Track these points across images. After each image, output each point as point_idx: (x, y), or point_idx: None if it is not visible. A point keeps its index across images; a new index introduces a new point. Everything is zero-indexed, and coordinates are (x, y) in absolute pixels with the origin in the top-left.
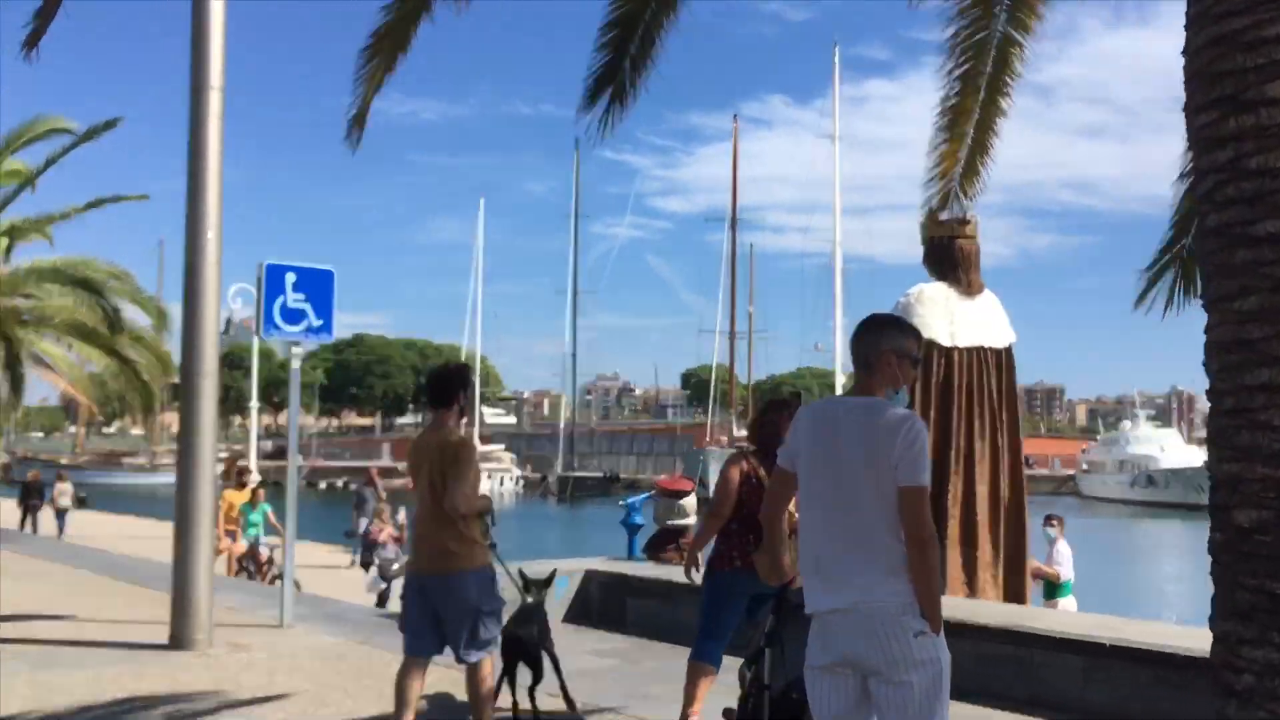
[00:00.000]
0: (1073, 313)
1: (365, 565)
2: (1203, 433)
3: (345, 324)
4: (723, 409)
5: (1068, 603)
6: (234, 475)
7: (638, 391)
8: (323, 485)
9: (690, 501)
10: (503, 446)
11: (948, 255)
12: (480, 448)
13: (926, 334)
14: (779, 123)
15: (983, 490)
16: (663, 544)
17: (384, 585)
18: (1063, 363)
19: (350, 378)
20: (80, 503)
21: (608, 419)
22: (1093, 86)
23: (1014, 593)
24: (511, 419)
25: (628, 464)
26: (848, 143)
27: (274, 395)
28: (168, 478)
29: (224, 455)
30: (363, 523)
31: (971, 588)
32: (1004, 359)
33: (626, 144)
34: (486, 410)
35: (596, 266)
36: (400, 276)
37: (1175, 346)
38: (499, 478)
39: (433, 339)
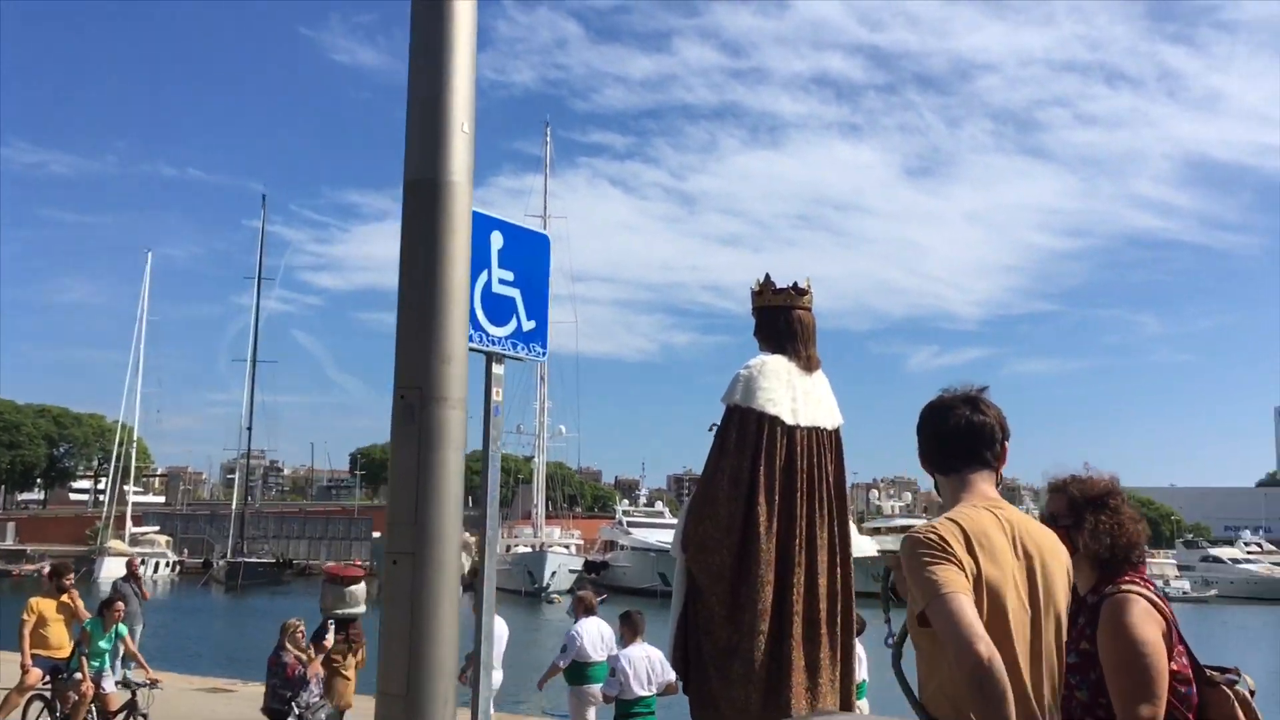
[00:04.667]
0: (717, 406)
1: (275, 716)
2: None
3: None
4: None
5: (863, 705)
6: (49, 577)
7: (286, 471)
8: None
9: (360, 589)
10: (157, 528)
11: (785, 326)
12: (132, 529)
13: (771, 410)
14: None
15: (823, 583)
16: (322, 635)
17: None
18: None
19: None
20: None
21: (251, 499)
22: (730, 199)
23: (845, 696)
24: (161, 498)
25: (298, 548)
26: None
27: None
28: None
29: None
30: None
31: (813, 694)
32: (836, 441)
33: (279, 215)
34: (131, 488)
35: (238, 339)
36: (17, 339)
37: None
38: (153, 563)
39: (70, 407)
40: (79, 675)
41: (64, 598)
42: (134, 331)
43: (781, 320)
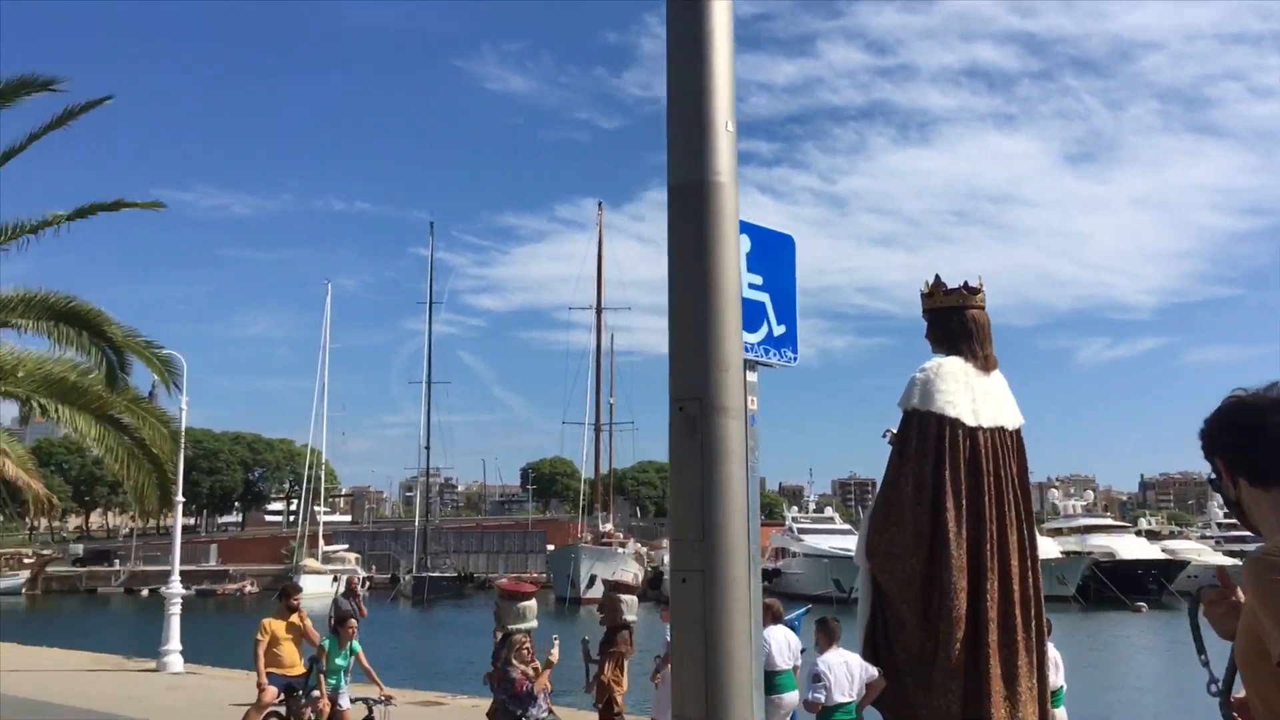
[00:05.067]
0: (877, 409)
1: None
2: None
3: None
4: (571, 505)
5: (1060, 714)
6: (279, 597)
7: (459, 488)
8: (145, 592)
9: (532, 605)
10: (346, 546)
11: (960, 327)
12: (324, 548)
13: (951, 412)
14: (592, 224)
15: (1016, 587)
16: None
17: None
18: (873, 456)
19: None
20: None
21: (431, 516)
22: (881, 198)
23: (1041, 704)
24: (347, 516)
25: (478, 562)
26: (657, 245)
27: (86, 493)
28: None
29: (29, 560)
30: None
31: (1012, 702)
32: (1018, 442)
33: (441, 241)
34: (320, 509)
35: (409, 362)
36: (208, 372)
37: None
38: (344, 579)
39: (262, 433)
40: (316, 692)
41: (293, 617)
42: (318, 359)
43: (955, 321)
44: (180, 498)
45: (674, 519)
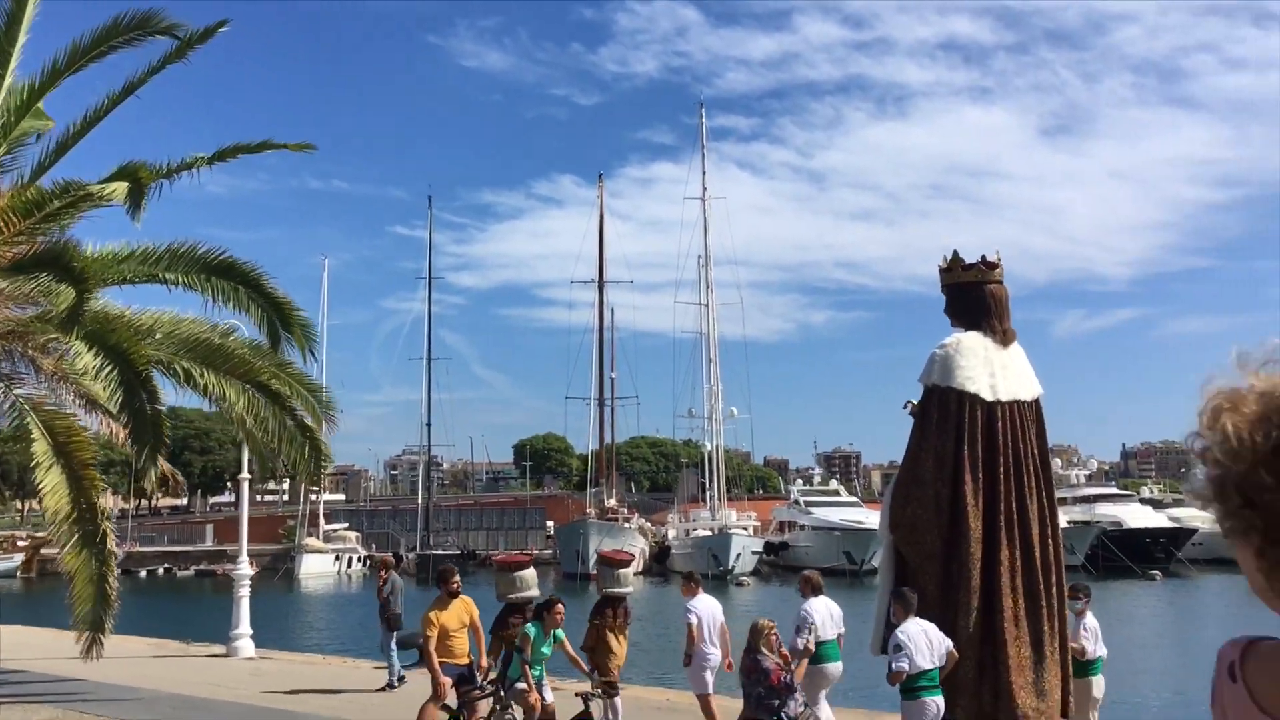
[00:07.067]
0: (856, 383)
1: None
2: None
3: None
4: (565, 481)
5: (1098, 682)
6: (443, 581)
7: (445, 465)
8: (142, 574)
9: (529, 574)
10: (346, 525)
11: (978, 302)
12: (325, 526)
13: (970, 388)
14: (570, 201)
15: (1038, 555)
16: (504, 621)
17: None
18: (855, 429)
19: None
20: None
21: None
22: (860, 173)
23: (1063, 667)
24: (341, 495)
25: (478, 539)
26: (635, 222)
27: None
28: None
29: (23, 543)
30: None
31: (1039, 665)
32: (1038, 411)
33: (419, 218)
34: (319, 489)
35: (387, 341)
36: None
37: None
38: (346, 558)
39: None
40: (522, 685)
41: (456, 603)
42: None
43: (973, 296)
44: (246, 475)
45: None
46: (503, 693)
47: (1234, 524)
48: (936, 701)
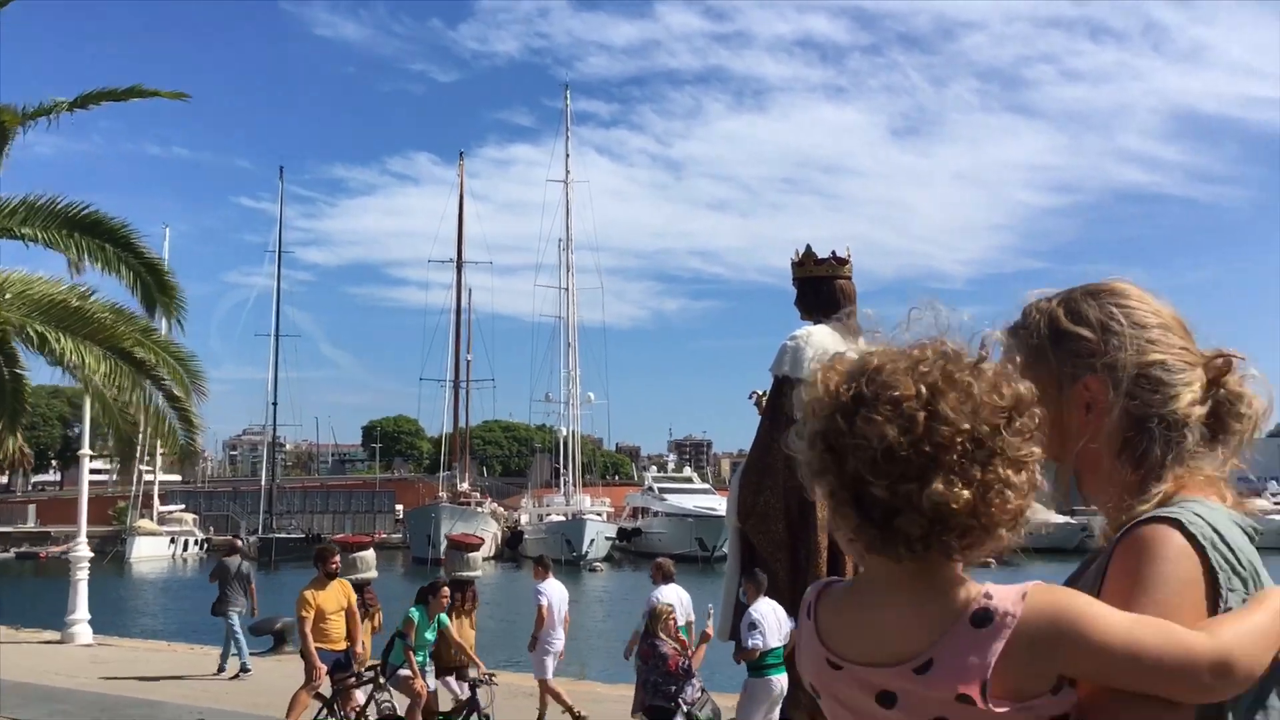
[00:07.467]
0: (709, 371)
1: (659, 715)
2: None
3: None
4: (415, 464)
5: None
6: (321, 561)
7: (289, 446)
8: None
9: (368, 555)
10: (182, 507)
11: (827, 296)
12: (159, 508)
13: None
14: (426, 179)
15: None
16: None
17: None
18: (707, 417)
19: None
20: None
21: (254, 475)
22: (716, 163)
23: None
24: (176, 476)
25: (323, 523)
26: (492, 203)
27: None
28: None
29: None
30: (241, 605)
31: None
32: None
33: (265, 191)
34: (144, 467)
35: (228, 318)
36: None
37: None
38: (182, 541)
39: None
40: (405, 671)
41: (334, 584)
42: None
43: (824, 290)
44: (88, 450)
45: None
46: (383, 680)
47: (817, 466)
48: (781, 680)
